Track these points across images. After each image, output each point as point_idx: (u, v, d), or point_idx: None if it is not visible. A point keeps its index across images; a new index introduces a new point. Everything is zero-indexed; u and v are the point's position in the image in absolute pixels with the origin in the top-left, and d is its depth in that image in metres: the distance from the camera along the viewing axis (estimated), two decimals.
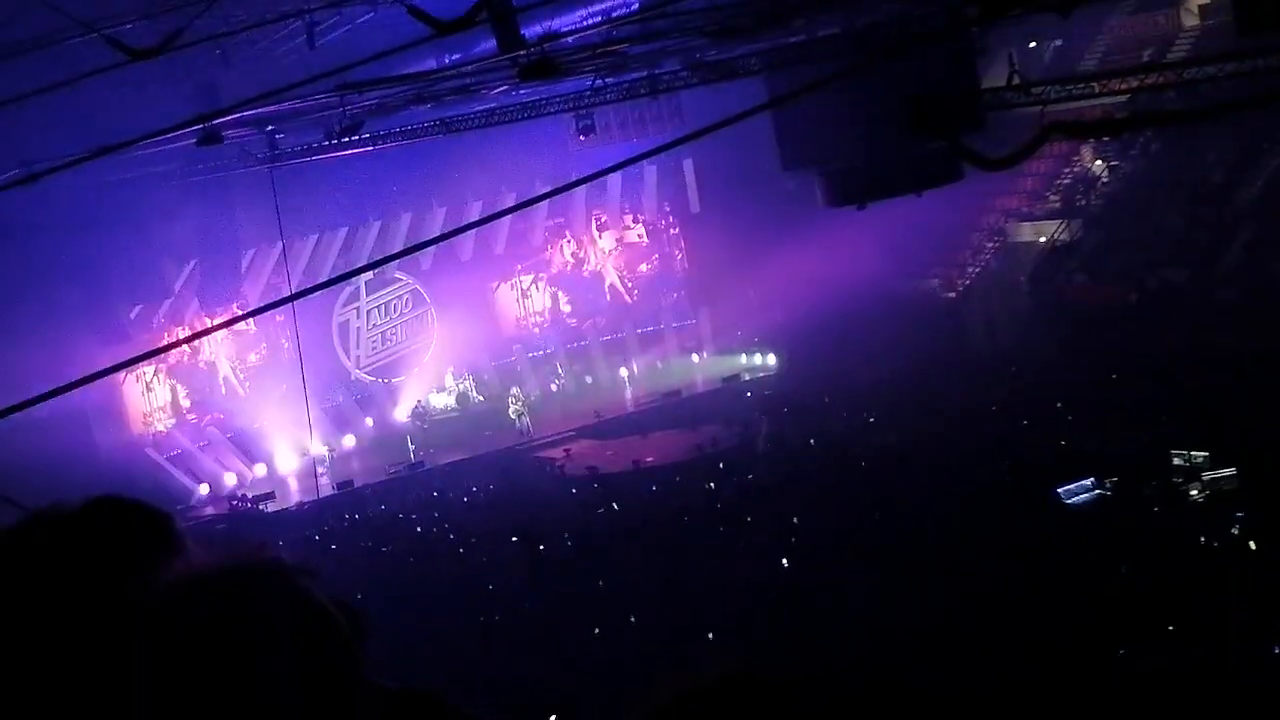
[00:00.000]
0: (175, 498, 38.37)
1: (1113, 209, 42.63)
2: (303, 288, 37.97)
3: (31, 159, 22.01)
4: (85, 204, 31.24)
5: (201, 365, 42.97)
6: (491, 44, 20.44)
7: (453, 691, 2.39)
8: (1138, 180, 42.93)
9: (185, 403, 42.51)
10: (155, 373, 41.68)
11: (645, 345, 48.56)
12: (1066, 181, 45.20)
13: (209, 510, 38.68)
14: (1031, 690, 13.75)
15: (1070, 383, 32.81)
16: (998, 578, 18.47)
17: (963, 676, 14.62)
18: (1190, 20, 43.90)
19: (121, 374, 38.58)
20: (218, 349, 43.11)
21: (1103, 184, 44.10)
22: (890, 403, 34.05)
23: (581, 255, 50.11)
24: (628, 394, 45.16)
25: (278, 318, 38.96)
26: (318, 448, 40.17)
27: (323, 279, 39.18)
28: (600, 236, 50.24)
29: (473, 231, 42.52)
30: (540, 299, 49.43)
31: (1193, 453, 23.68)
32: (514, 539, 26.82)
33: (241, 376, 43.30)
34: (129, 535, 2.30)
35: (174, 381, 42.46)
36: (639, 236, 50.62)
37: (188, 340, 41.59)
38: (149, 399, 41.57)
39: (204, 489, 40.25)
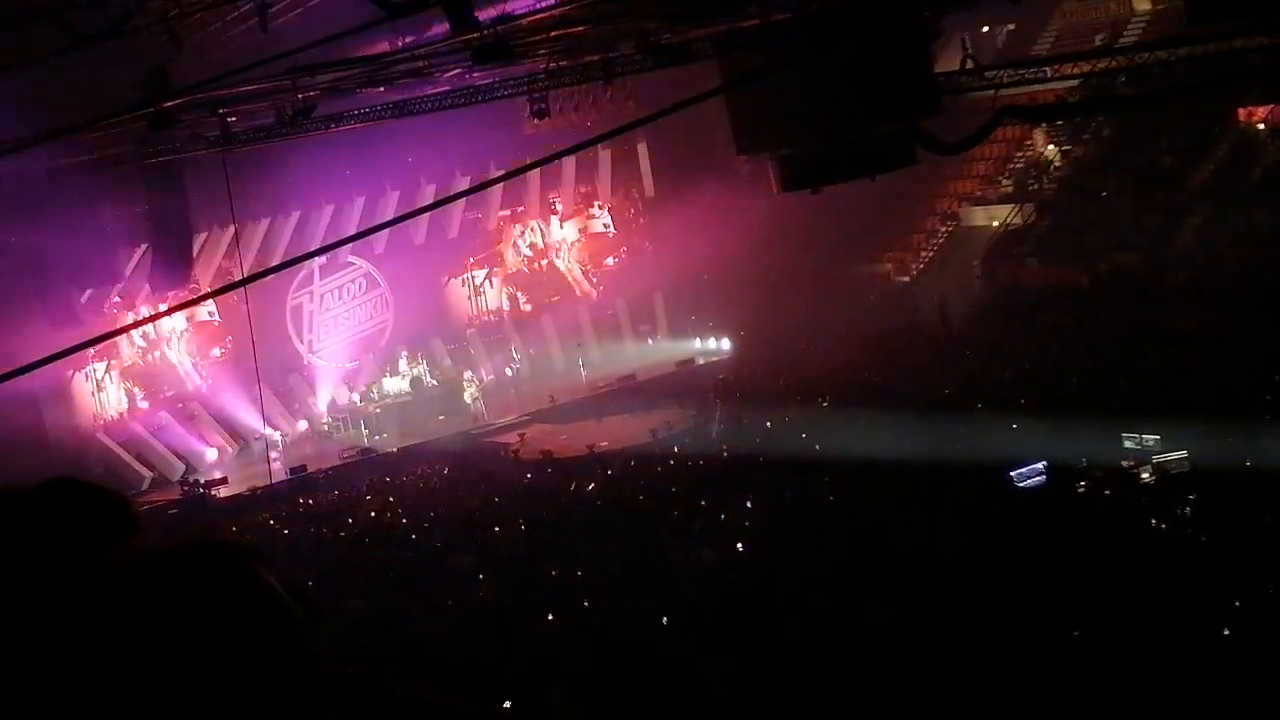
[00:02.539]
0: (127, 483, 38.11)
1: (1065, 193, 42.94)
2: (255, 272, 37.80)
3: None
4: (34, 187, 30.99)
5: (157, 363, 42.44)
6: (445, 26, 20.36)
7: (406, 675, 2.38)
8: (1089, 164, 43.23)
9: (144, 405, 42.00)
10: (107, 371, 41.23)
11: (600, 329, 48.52)
12: (1019, 166, 45.50)
13: (160, 496, 38.44)
14: (988, 674, 13.82)
15: (1023, 366, 33.00)
16: (951, 561, 18.54)
17: (918, 660, 14.68)
18: (1142, 5, 44.18)
19: (70, 369, 38.52)
20: (178, 344, 42.71)
21: (1055, 168, 44.40)
22: (844, 386, 34.13)
23: (540, 247, 49.83)
24: (582, 378, 45.11)
25: (243, 307, 38.68)
26: (270, 433, 39.99)
27: (275, 263, 38.99)
28: (562, 227, 50.01)
29: (426, 215, 42.39)
30: (495, 297, 49.14)
31: (1144, 435, 23.84)
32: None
33: (205, 373, 42.83)
34: (86, 518, 2.28)
35: (128, 384, 41.92)
36: (605, 226, 50.40)
37: (141, 324, 41.20)
38: (100, 399, 41.03)
39: (155, 474, 39.99)
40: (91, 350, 38.96)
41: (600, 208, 50.02)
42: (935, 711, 13.42)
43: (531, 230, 49.64)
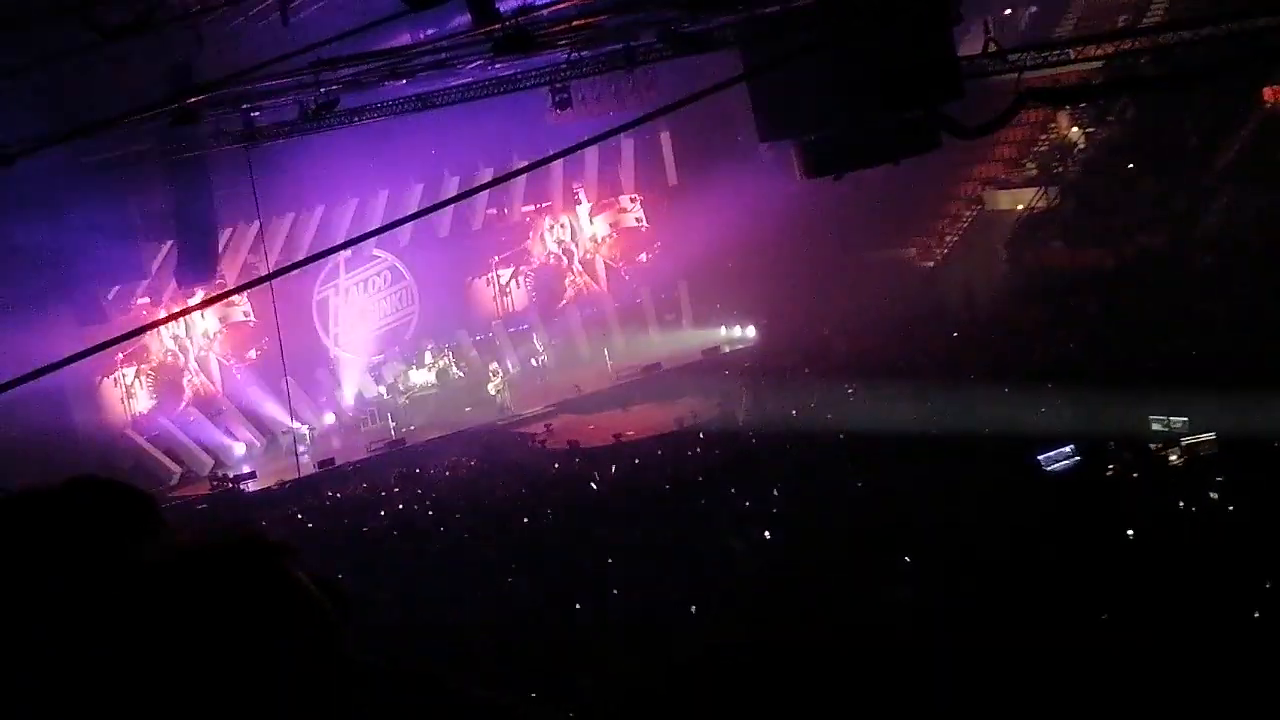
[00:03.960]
0: (156, 479, 38.28)
1: (1089, 175, 42.77)
2: (280, 266, 37.86)
3: (4, 140, 21.91)
4: (60, 184, 31.09)
5: (186, 367, 42.50)
6: (466, 18, 20.38)
7: (438, 667, 2.39)
8: (1114, 146, 43.05)
9: (172, 402, 41.97)
10: (136, 376, 41.33)
11: (624, 319, 48.48)
12: (1043, 149, 45.33)
13: (190, 491, 38.58)
14: (1016, 656, 13.81)
15: (1049, 349, 32.90)
16: (979, 546, 18.52)
17: (947, 644, 14.67)
18: None
19: (98, 374, 38.68)
20: (211, 347, 42.81)
21: (1079, 151, 44.22)
22: (870, 373, 34.06)
23: (568, 245, 49.80)
24: (608, 368, 45.11)
25: (272, 305, 38.69)
26: (298, 426, 40.07)
27: (301, 257, 39.06)
28: (592, 222, 50.03)
29: (451, 208, 42.41)
30: (521, 297, 49.05)
31: (1172, 418, 23.75)
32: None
33: (239, 376, 42.84)
34: (110, 514, 2.29)
35: (156, 386, 41.93)
36: (637, 221, 50.27)
37: (171, 319, 41.11)
38: (129, 405, 41.11)
39: (184, 470, 40.12)
40: (120, 355, 39.13)
41: (633, 201, 49.80)
42: (962, 694, 13.41)
43: (561, 226, 49.55)
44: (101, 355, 35.61)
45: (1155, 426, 23.87)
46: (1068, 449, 22.96)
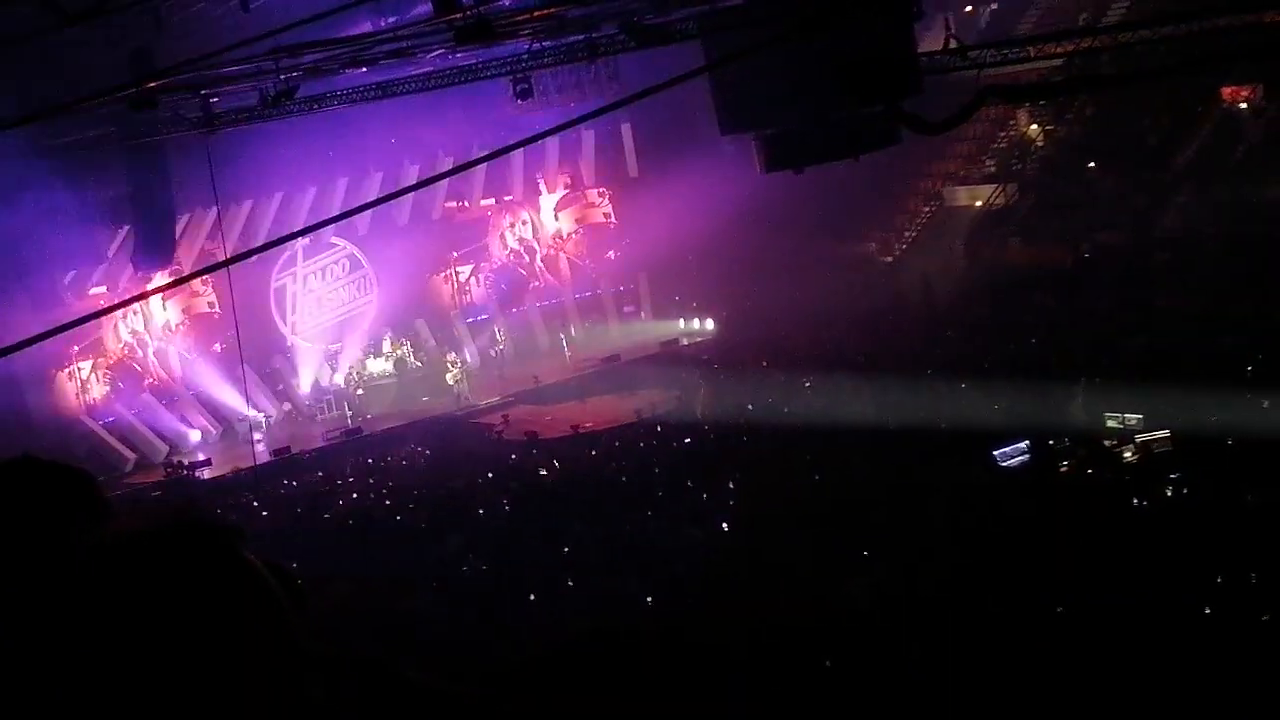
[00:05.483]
0: (110, 465, 38.05)
1: (1048, 173, 42.99)
2: (238, 253, 37.67)
3: None
4: (16, 168, 30.85)
5: (144, 359, 42.21)
6: (427, 6, 20.32)
7: (391, 656, 2.38)
8: (1073, 144, 43.26)
9: (128, 389, 41.67)
10: (92, 370, 41.01)
11: (583, 310, 48.45)
12: (1002, 146, 45.51)
13: (143, 478, 38.36)
14: (970, 650, 13.87)
15: (1006, 346, 33.02)
16: (935, 540, 18.59)
17: (899, 639, 14.72)
18: None
19: (53, 367, 38.38)
20: (170, 339, 42.51)
21: (1038, 148, 44.41)
22: (827, 366, 34.13)
23: (530, 243, 49.73)
24: (566, 359, 45.07)
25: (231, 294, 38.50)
26: (254, 414, 39.90)
27: (258, 244, 38.88)
28: (558, 217, 49.91)
29: (409, 196, 42.25)
30: (480, 293, 48.86)
31: (1127, 415, 23.88)
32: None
33: (198, 367, 42.53)
34: (50, 495, 2.28)
35: (112, 378, 41.62)
36: (605, 216, 50.23)
37: (128, 303, 40.83)
38: (84, 399, 40.73)
39: (138, 456, 39.87)
40: (75, 348, 38.86)
41: (601, 195, 49.67)
42: (915, 688, 13.46)
43: (523, 224, 49.41)
44: (56, 346, 35.50)
45: (1111, 423, 24.01)
46: (1023, 445, 23.06)
